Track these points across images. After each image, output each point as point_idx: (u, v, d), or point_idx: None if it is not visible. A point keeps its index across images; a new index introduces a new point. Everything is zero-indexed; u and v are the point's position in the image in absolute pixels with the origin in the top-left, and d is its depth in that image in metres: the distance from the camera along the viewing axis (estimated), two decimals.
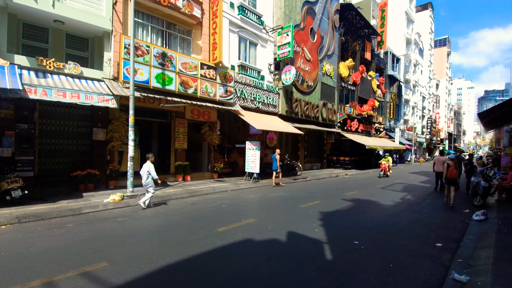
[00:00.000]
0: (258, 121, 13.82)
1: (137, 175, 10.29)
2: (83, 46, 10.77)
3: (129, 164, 8.68)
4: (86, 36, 10.66)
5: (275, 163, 12.51)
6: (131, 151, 8.70)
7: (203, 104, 11.61)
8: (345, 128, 23.96)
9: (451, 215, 7.61)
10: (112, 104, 9.12)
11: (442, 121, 60.85)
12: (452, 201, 8.80)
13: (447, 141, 64.40)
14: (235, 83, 13.77)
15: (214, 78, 12.13)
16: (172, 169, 12.44)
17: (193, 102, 11.23)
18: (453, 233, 5.95)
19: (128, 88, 9.89)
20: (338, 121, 23.05)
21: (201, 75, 11.64)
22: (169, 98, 10.57)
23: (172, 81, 10.73)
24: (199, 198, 8.95)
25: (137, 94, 9.52)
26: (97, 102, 8.82)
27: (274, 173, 12.64)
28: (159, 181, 8.08)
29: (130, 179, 8.61)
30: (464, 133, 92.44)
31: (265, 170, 16.53)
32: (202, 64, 11.67)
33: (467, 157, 16.04)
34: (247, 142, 13.32)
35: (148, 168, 7.69)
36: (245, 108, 14.44)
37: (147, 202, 7.62)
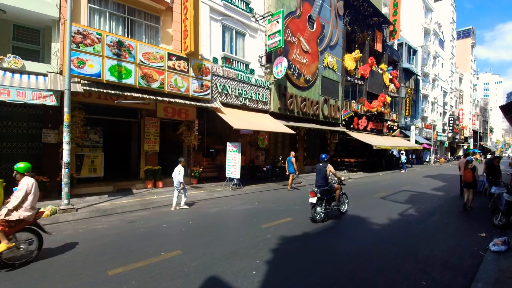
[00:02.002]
0: (241, 120, 12.23)
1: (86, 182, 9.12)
2: (34, 38, 9.62)
3: (64, 172, 7.36)
4: (36, 27, 9.50)
5: (291, 166, 12.15)
6: (65, 156, 7.37)
7: (172, 100, 10.16)
8: (352, 126, 21.85)
9: (459, 242, 5.69)
10: (51, 101, 7.85)
11: (466, 118, 56.44)
12: (470, 204, 8.61)
13: (471, 140, 59.81)
14: (215, 77, 12.24)
15: (186, 70, 10.65)
16: (141, 174, 11.10)
17: (159, 98, 9.81)
18: (457, 276, 4.12)
19: (77, 82, 8.62)
20: (343, 119, 20.98)
21: (169, 67, 10.19)
22: (127, 93, 9.19)
23: (130, 74, 9.35)
24: (148, 212, 7.49)
25: (80, 88, 8.19)
26: (32, 100, 7.58)
27: (291, 176, 12.25)
28: (182, 185, 8.15)
29: (65, 190, 7.28)
30: (491, 131, 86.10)
31: (255, 174, 14.94)
32: (170, 55, 10.22)
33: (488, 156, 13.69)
34: (227, 144, 11.76)
35: (180, 171, 8.10)
36: (228, 105, 12.87)
37: (182, 203, 8.10)
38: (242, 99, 13.49)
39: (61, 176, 9.11)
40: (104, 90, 8.84)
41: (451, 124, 45.81)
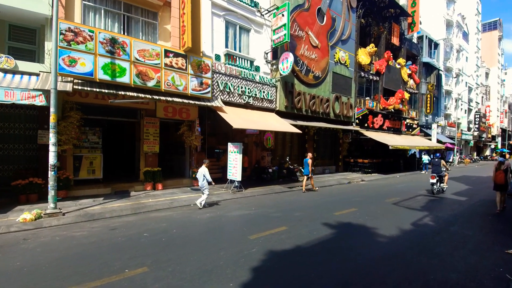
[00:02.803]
0: (243, 119, 11.65)
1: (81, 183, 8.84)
2: (30, 38, 9.49)
3: (50, 174, 7.05)
4: (32, 26, 9.37)
5: (307, 167, 11.84)
6: (51, 158, 7.06)
7: (169, 99, 9.74)
8: (366, 125, 20.71)
9: (482, 260, 4.82)
10: (40, 101, 7.61)
11: (493, 115, 52.96)
12: (499, 207, 8.37)
13: (499, 138, 56.10)
14: (216, 75, 11.72)
15: (184, 68, 10.19)
16: (141, 176, 10.77)
17: (155, 97, 9.41)
18: None
19: (69, 81, 8.38)
20: (356, 117, 19.90)
21: (165, 64, 9.77)
22: (121, 92, 8.84)
23: (125, 72, 8.99)
24: (136, 218, 7.07)
25: (70, 87, 7.90)
26: (20, 100, 7.35)
27: (305, 178, 11.93)
28: (213, 183, 8.52)
29: (51, 193, 6.98)
30: None
31: (261, 176, 14.30)
32: (167, 52, 9.79)
33: None
34: (229, 144, 11.23)
35: (204, 172, 8.29)
36: (230, 104, 12.33)
37: (203, 203, 8.26)
38: (245, 98, 12.90)
39: (56, 178, 8.99)
40: (97, 90, 8.54)
41: (477, 122, 43.05)
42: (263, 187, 12.14)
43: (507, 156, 41.03)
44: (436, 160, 12.12)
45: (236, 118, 11.34)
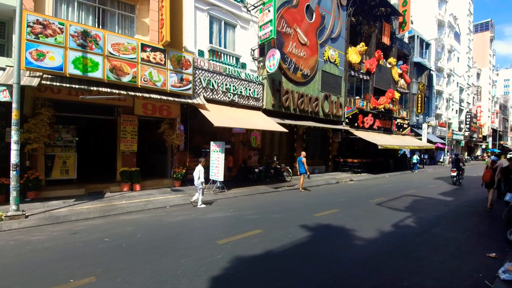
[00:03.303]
0: (226, 117, 11.29)
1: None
2: (0, 31, 9.00)
3: (12, 174, 6.60)
4: (1, 19, 8.88)
5: (302, 166, 11.89)
6: (13, 157, 6.61)
7: (146, 95, 9.33)
8: (356, 124, 20.49)
9: (461, 265, 4.54)
10: (4, 96, 7.18)
11: (484, 116, 53.43)
12: (489, 204, 8.65)
13: (490, 139, 56.65)
14: (199, 71, 11.35)
15: (162, 63, 9.80)
16: (117, 176, 10.33)
17: (130, 93, 8.99)
18: None
19: (37, 77, 7.92)
20: (346, 116, 19.67)
21: (142, 59, 9.36)
22: (93, 88, 8.41)
23: (97, 67, 8.56)
24: (103, 221, 6.68)
25: (35, 82, 7.44)
26: None
27: (302, 177, 12.05)
28: (203, 184, 8.51)
29: (13, 194, 6.53)
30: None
31: (247, 176, 13.95)
32: (143, 46, 9.39)
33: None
34: (211, 143, 10.84)
35: (199, 171, 8.37)
36: (214, 102, 11.96)
37: (200, 202, 8.39)
38: (230, 95, 12.54)
39: (25, 178, 8.53)
40: (67, 85, 8.10)
41: (468, 122, 43.32)
42: (247, 188, 11.80)
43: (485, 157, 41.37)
44: (455, 158, 15.72)
45: (219, 116, 10.98)
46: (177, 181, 11.32)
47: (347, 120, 19.80)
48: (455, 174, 14.51)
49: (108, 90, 8.66)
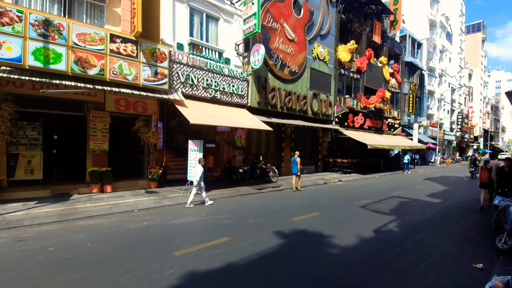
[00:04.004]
0: (206, 114, 10.69)
1: None
2: None
3: None
4: None
5: (295, 166, 11.77)
6: None
7: (115, 90, 8.67)
8: (346, 123, 20.07)
9: (443, 278, 4.04)
10: None
11: (476, 116, 53.71)
12: (483, 203, 8.69)
13: (482, 139, 56.98)
14: (177, 65, 10.73)
15: (134, 55, 9.16)
16: (87, 177, 9.66)
17: (98, 87, 8.32)
18: None
19: None
20: (336, 115, 19.22)
21: (111, 50, 8.71)
22: (56, 81, 7.74)
23: (60, 58, 7.90)
24: (58, 227, 6.06)
25: None
26: None
27: (294, 177, 11.90)
28: (195, 185, 8.44)
29: None
30: (503, 130, 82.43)
31: (231, 176, 13.37)
32: (113, 36, 8.74)
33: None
34: (189, 142, 10.23)
35: (198, 171, 8.35)
36: (193, 98, 11.35)
37: (207, 200, 8.57)
38: (212, 91, 11.94)
39: None
40: (27, 78, 7.40)
41: (459, 123, 43.37)
42: (229, 189, 11.22)
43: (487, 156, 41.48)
44: (473, 157, 19.21)
45: (198, 113, 10.38)
46: (153, 182, 10.68)
47: (336, 119, 19.36)
48: (472, 169, 19.45)
49: (73, 83, 7.98)
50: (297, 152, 12.29)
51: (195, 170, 8.48)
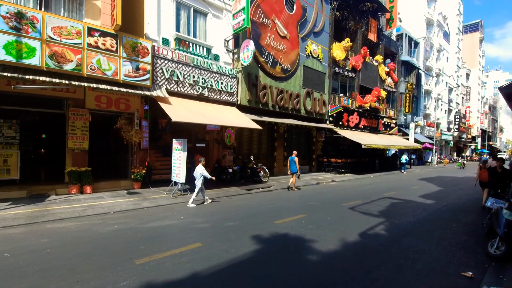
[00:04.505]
0: (191, 112, 10.31)
1: None
2: None
3: None
4: None
5: (293, 165, 11.86)
6: None
7: (93, 85, 8.29)
8: (341, 123, 19.72)
9: None
10: None
11: (474, 116, 53.48)
12: (484, 203, 8.15)
13: (479, 139, 56.79)
14: (161, 60, 10.34)
15: (114, 49, 8.77)
16: (66, 177, 9.26)
17: (74, 83, 7.94)
18: None
19: None
20: (330, 114, 18.87)
21: (89, 44, 8.32)
22: (29, 76, 7.35)
23: (34, 53, 7.51)
24: (24, 230, 5.69)
25: None
26: None
27: (294, 176, 11.99)
28: (213, 178, 8.82)
29: None
30: (501, 130, 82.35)
31: (220, 177, 12.98)
32: (91, 30, 8.35)
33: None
34: (173, 140, 9.85)
35: (201, 171, 8.45)
36: (179, 95, 10.97)
37: (207, 198, 8.74)
38: (199, 88, 11.55)
39: None
40: None
41: (457, 122, 43.08)
42: (216, 190, 10.85)
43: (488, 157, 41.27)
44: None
45: (182, 110, 10.00)
46: (136, 182, 10.28)
47: (331, 118, 19.01)
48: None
49: (47, 79, 7.59)
50: (295, 152, 12.21)
51: (198, 171, 8.45)
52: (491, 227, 4.96)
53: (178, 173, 9.48)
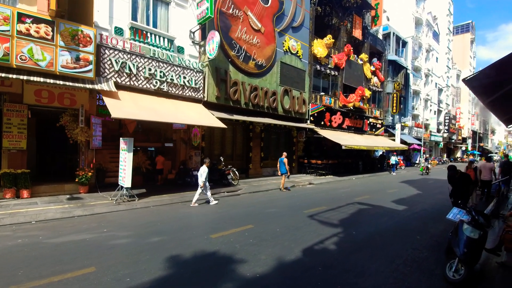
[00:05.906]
0: (140, 107, 9.33)
1: None
2: None
3: None
4: None
5: (283, 166, 12.14)
6: None
7: (23, 78, 7.31)
8: (323, 123, 18.92)
9: None
10: None
11: (464, 118, 53.29)
12: (475, 200, 8.67)
13: (470, 140, 56.64)
14: (110, 51, 9.36)
15: (49, 38, 7.79)
16: (0, 180, 8.24)
17: (1, 74, 6.95)
18: None
19: None
20: (310, 114, 18.04)
21: (19, 32, 7.34)
22: None
23: None
24: None
25: None
26: None
27: (284, 177, 12.21)
28: (203, 185, 8.53)
29: None
30: (492, 132, 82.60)
31: (185, 180, 12.02)
32: (21, 15, 7.37)
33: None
34: (120, 140, 8.87)
35: (201, 172, 8.44)
36: (132, 89, 10.00)
37: (211, 199, 8.82)
38: (156, 82, 10.59)
39: None
40: None
41: (446, 124, 42.73)
42: (172, 195, 9.87)
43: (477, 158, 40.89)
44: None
45: (131, 105, 9.03)
46: (82, 186, 9.28)
47: (312, 118, 18.18)
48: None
49: None
50: (284, 153, 12.59)
51: (201, 171, 8.47)
52: (450, 246, 4.12)
53: (124, 176, 8.51)
